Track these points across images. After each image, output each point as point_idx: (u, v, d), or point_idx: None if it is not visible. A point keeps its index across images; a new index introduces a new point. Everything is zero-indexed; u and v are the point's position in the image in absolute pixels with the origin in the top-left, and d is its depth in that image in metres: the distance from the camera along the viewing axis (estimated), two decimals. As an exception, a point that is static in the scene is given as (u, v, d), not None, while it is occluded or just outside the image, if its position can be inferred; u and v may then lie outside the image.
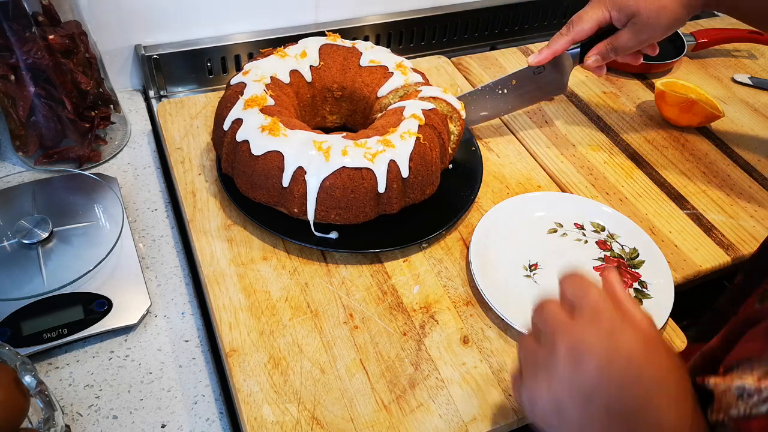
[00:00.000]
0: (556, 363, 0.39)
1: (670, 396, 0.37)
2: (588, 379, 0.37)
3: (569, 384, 0.38)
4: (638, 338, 0.38)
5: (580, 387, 0.38)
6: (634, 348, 0.37)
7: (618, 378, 0.37)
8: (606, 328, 0.38)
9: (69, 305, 0.58)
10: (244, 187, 0.65)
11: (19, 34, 0.65)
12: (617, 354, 0.37)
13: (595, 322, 0.38)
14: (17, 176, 0.69)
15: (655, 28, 0.69)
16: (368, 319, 0.60)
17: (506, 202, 0.70)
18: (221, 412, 0.55)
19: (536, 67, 0.77)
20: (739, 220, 0.74)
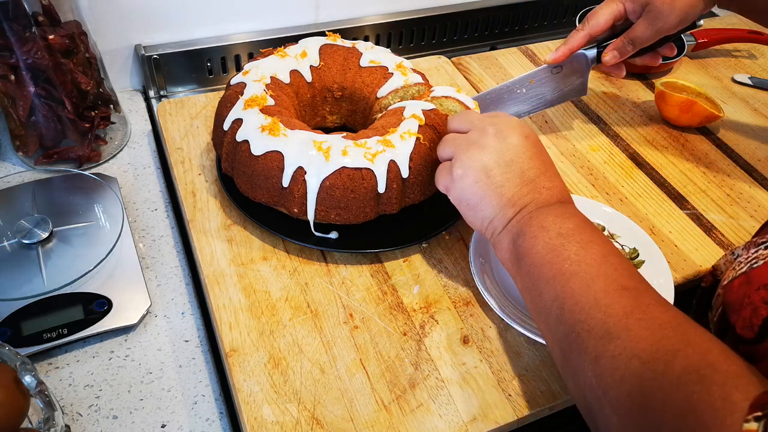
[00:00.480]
0: (486, 139, 0.55)
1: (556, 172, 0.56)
2: (511, 150, 0.55)
3: (498, 153, 0.54)
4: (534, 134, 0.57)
5: (504, 155, 0.54)
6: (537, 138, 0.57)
7: (529, 152, 0.55)
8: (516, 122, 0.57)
9: (69, 305, 0.59)
10: (244, 187, 0.65)
11: (19, 34, 0.65)
12: (528, 138, 0.56)
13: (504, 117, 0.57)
14: (17, 176, 0.69)
15: (669, 14, 0.69)
16: (368, 319, 0.60)
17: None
18: (221, 412, 0.55)
19: (554, 67, 0.77)
20: (739, 220, 0.74)
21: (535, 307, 0.51)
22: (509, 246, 0.53)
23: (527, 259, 0.51)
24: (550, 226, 0.51)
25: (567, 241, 0.49)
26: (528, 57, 0.98)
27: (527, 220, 0.52)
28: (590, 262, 0.47)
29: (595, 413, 0.43)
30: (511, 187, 0.54)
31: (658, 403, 0.38)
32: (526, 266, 0.51)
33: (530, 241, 0.51)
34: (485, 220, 0.55)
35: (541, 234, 0.50)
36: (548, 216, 0.51)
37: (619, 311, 0.43)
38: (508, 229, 0.54)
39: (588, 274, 0.47)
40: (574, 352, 0.45)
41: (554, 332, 0.48)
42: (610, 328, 0.43)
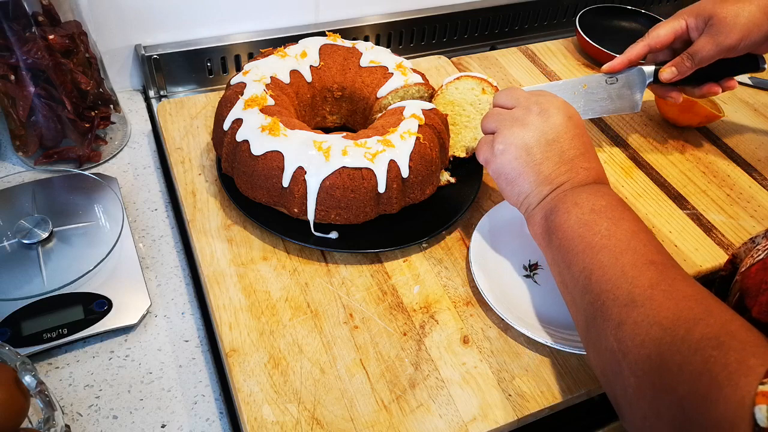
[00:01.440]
0: (530, 117, 0.57)
1: (595, 154, 0.58)
2: (553, 129, 0.56)
3: (539, 131, 0.56)
4: (578, 115, 0.58)
5: (546, 134, 0.56)
6: (579, 119, 0.58)
7: (571, 132, 0.56)
8: (561, 101, 0.58)
9: (69, 305, 0.58)
10: (244, 187, 0.65)
11: (19, 34, 0.65)
12: (571, 119, 0.57)
13: (549, 97, 0.59)
14: (17, 176, 0.69)
15: (732, 30, 0.67)
16: (368, 319, 0.60)
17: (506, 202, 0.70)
18: (221, 412, 0.55)
19: (609, 76, 0.75)
20: (739, 220, 0.74)
21: (562, 278, 0.53)
22: (542, 221, 0.55)
23: (559, 233, 0.53)
24: (584, 203, 0.52)
25: (599, 216, 0.51)
26: (528, 57, 0.98)
27: (562, 197, 0.54)
28: (620, 237, 0.49)
29: (614, 377, 0.45)
30: (549, 165, 0.55)
31: (675, 365, 0.39)
32: (557, 240, 0.53)
33: (563, 216, 0.53)
34: (521, 195, 0.57)
35: (574, 209, 0.52)
36: (582, 194, 0.53)
37: (645, 282, 0.45)
38: (542, 205, 0.55)
39: (617, 247, 0.48)
40: (599, 319, 0.47)
41: (580, 301, 0.50)
42: (635, 297, 0.45)
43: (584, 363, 0.58)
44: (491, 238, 0.66)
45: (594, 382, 0.57)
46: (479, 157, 0.61)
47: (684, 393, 0.38)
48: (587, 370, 0.57)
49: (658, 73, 0.74)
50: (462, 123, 0.73)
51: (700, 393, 0.37)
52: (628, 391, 0.43)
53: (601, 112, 0.78)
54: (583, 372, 0.57)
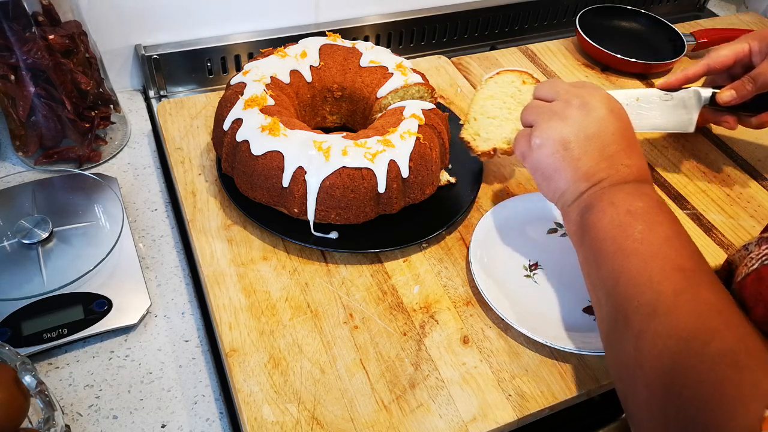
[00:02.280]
0: (570, 110, 0.55)
1: (639, 150, 0.55)
2: (594, 123, 0.54)
3: (579, 126, 0.54)
4: (622, 109, 0.56)
5: (586, 129, 0.54)
6: (623, 113, 0.56)
7: (613, 127, 0.54)
8: (604, 94, 0.56)
9: (69, 305, 0.59)
10: (244, 187, 0.65)
11: (19, 34, 0.65)
12: (613, 112, 0.55)
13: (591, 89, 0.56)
14: (17, 176, 0.69)
15: None
16: (368, 319, 0.60)
17: (506, 202, 0.70)
18: (221, 412, 0.55)
19: (664, 92, 0.73)
20: (739, 220, 0.74)
21: (591, 279, 0.52)
22: (576, 218, 0.54)
23: (592, 232, 0.51)
24: (620, 203, 0.51)
25: (634, 219, 0.50)
26: (528, 57, 0.98)
27: (599, 195, 0.52)
28: (653, 241, 0.48)
29: (627, 388, 0.45)
30: (588, 161, 0.53)
31: (689, 381, 0.39)
32: (590, 239, 0.52)
33: (598, 215, 0.51)
34: (557, 192, 0.56)
35: (609, 209, 0.51)
36: (620, 193, 0.52)
37: (669, 290, 0.45)
38: (578, 202, 0.54)
39: (648, 253, 0.47)
40: (621, 326, 0.46)
41: (605, 305, 0.49)
42: (657, 306, 0.44)
43: (584, 363, 0.58)
44: (491, 238, 0.66)
45: (594, 382, 0.57)
46: (516, 151, 0.59)
47: (695, 411, 0.38)
48: (587, 370, 0.57)
49: (715, 96, 0.71)
50: (502, 116, 0.70)
51: (711, 413, 0.37)
52: (640, 402, 0.43)
53: (652, 127, 0.75)
54: (583, 372, 0.57)
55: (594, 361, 0.58)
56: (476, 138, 0.69)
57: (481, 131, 0.69)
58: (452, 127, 0.76)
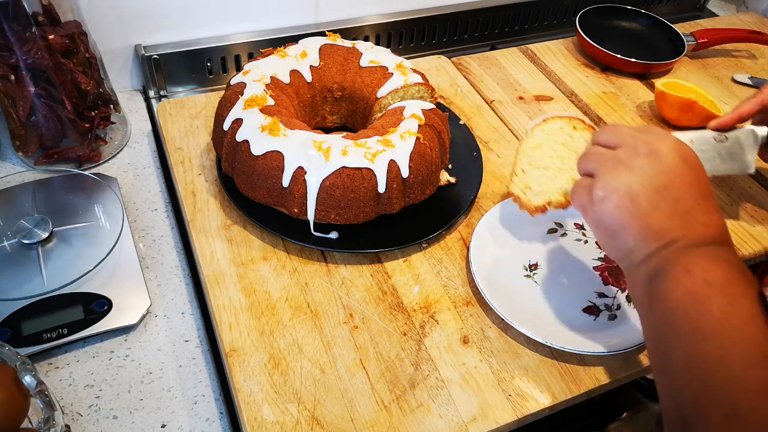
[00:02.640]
0: (637, 159, 0.48)
1: (716, 205, 0.49)
2: (665, 174, 0.48)
3: (648, 176, 0.48)
4: (695, 157, 0.50)
5: (656, 180, 0.47)
6: (697, 162, 0.49)
7: (687, 178, 0.48)
8: (675, 141, 0.50)
9: (69, 305, 0.58)
10: (244, 187, 0.65)
11: (19, 34, 0.65)
12: (687, 161, 0.48)
13: (660, 134, 0.50)
14: (17, 176, 0.69)
15: None
16: (368, 319, 0.60)
17: (506, 202, 0.70)
18: (221, 412, 0.55)
19: (717, 133, 0.68)
20: (739, 220, 0.74)
21: (658, 359, 0.46)
22: (644, 283, 0.47)
23: (662, 303, 0.45)
24: (697, 271, 0.44)
25: (713, 292, 0.43)
26: (528, 57, 0.98)
27: (672, 259, 0.46)
28: (734, 322, 0.42)
29: None
30: (658, 217, 0.47)
31: None
32: (660, 311, 0.45)
33: (670, 284, 0.45)
34: (622, 250, 0.49)
35: (684, 278, 0.44)
36: (696, 258, 0.45)
37: (754, 386, 0.39)
38: (647, 265, 0.47)
39: (729, 336, 0.41)
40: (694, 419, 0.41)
41: (676, 393, 0.43)
42: (738, 407, 0.39)
43: (584, 363, 0.58)
44: (491, 238, 0.66)
45: (594, 382, 0.57)
46: (574, 203, 0.53)
47: None
48: (587, 370, 0.57)
49: None
50: (555, 166, 0.63)
51: None
52: None
53: (710, 170, 0.68)
54: (583, 372, 0.57)
55: (594, 361, 0.58)
56: (527, 192, 0.62)
57: (533, 184, 0.62)
58: (452, 127, 0.76)
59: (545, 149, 0.64)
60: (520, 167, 0.64)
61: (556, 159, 0.63)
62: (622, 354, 0.57)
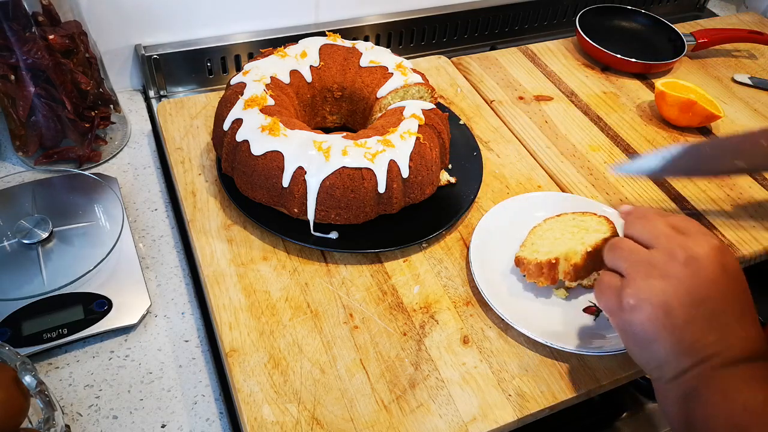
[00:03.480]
0: (674, 267, 0.44)
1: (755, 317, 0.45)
2: (703, 286, 0.44)
3: (685, 288, 0.44)
4: (736, 263, 0.46)
5: (694, 293, 0.44)
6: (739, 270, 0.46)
7: (727, 289, 0.44)
8: (715, 246, 0.46)
9: (69, 305, 0.58)
10: (244, 187, 0.65)
11: (19, 34, 0.65)
12: (726, 269, 0.45)
13: (700, 238, 0.46)
14: (17, 176, 0.69)
15: None
16: (368, 319, 0.60)
17: (506, 201, 0.70)
18: (221, 412, 0.55)
19: None
20: (739, 220, 0.74)
21: None
22: (678, 402, 0.45)
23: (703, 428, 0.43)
24: (735, 396, 0.42)
25: (754, 420, 0.41)
26: (528, 57, 0.98)
27: (706, 379, 0.43)
28: None
29: None
30: (694, 331, 0.44)
31: None
32: None
33: (707, 410, 0.42)
34: (652, 362, 0.46)
35: (722, 403, 0.42)
36: (733, 379, 0.43)
37: None
38: (679, 382, 0.45)
39: None
40: None
41: None
42: None
43: (584, 363, 0.58)
44: (491, 238, 0.66)
45: (594, 382, 0.57)
46: (600, 302, 0.49)
47: None
48: (587, 370, 0.57)
49: None
50: (566, 238, 0.61)
51: None
52: None
53: None
54: (583, 372, 0.57)
55: (594, 361, 0.58)
56: (536, 254, 0.61)
57: (542, 248, 0.61)
58: (452, 127, 0.76)
59: (555, 230, 0.64)
60: (530, 241, 0.64)
61: (566, 233, 0.62)
62: (622, 354, 0.57)
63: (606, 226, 0.60)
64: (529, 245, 0.63)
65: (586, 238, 0.59)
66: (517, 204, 0.70)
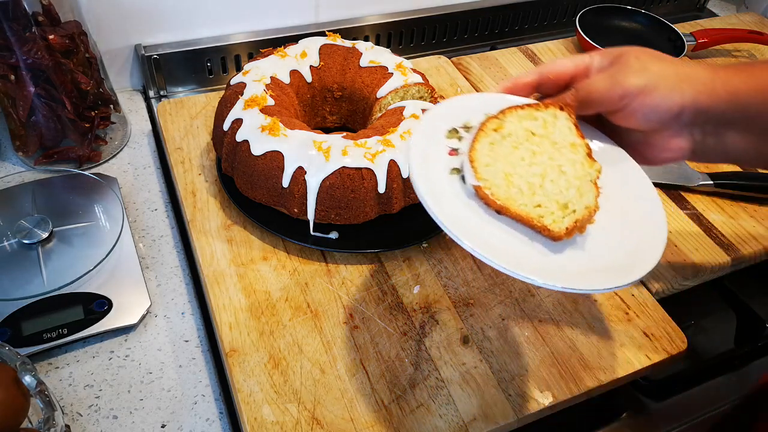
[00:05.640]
0: None
1: None
2: None
3: None
4: None
5: None
6: None
7: None
8: None
9: (69, 305, 0.58)
10: (244, 187, 0.65)
11: (19, 34, 0.65)
12: None
13: None
14: (17, 176, 0.69)
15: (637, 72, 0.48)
16: (368, 319, 0.60)
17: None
18: (221, 412, 0.55)
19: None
20: (739, 220, 0.74)
21: None
22: None
23: None
24: None
25: None
26: (528, 57, 0.98)
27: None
28: None
29: None
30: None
31: None
32: None
33: None
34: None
35: None
36: None
37: None
38: None
39: None
40: None
41: None
42: None
43: (585, 363, 0.58)
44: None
45: (594, 381, 0.57)
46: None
47: None
48: (587, 370, 0.57)
49: None
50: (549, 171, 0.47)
51: None
52: None
53: None
54: (584, 372, 0.57)
55: (594, 361, 0.58)
56: (523, 205, 0.45)
57: (524, 197, 0.46)
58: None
59: (512, 150, 0.48)
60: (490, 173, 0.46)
61: (533, 155, 0.48)
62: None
63: (574, 130, 0.49)
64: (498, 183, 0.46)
65: (581, 166, 0.47)
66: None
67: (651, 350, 0.60)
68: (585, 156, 0.49)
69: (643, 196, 0.51)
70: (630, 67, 0.49)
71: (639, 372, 0.59)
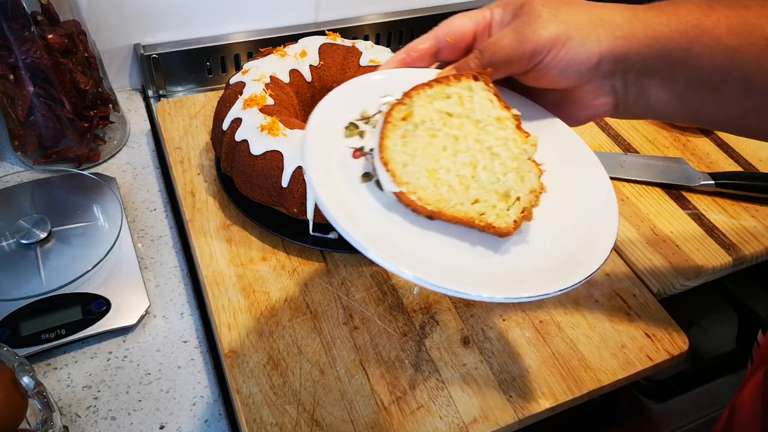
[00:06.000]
0: None
1: None
2: None
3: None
4: None
5: None
6: None
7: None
8: None
9: (67, 306, 0.58)
10: (244, 187, 0.65)
11: (18, 33, 0.64)
12: None
13: None
14: (16, 176, 0.69)
15: (545, 22, 0.41)
16: (368, 319, 0.59)
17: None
18: (220, 414, 0.55)
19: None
20: (740, 220, 0.74)
21: None
22: None
23: None
24: None
25: None
26: (528, 57, 0.98)
27: None
28: None
29: None
30: None
31: None
32: None
33: None
34: None
35: None
36: None
37: None
38: None
39: None
40: None
41: None
42: None
43: (586, 364, 0.58)
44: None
45: (595, 383, 0.56)
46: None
47: None
48: (588, 371, 0.57)
49: None
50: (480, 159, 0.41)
51: None
52: None
53: None
54: (584, 373, 0.57)
55: (595, 362, 0.58)
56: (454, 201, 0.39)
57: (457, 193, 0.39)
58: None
59: (430, 134, 0.41)
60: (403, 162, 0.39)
61: (458, 136, 0.41)
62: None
63: (496, 100, 0.42)
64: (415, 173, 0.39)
65: (513, 143, 0.40)
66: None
67: (652, 351, 0.59)
68: (515, 130, 0.41)
69: (582, 163, 0.45)
70: (537, 17, 0.42)
71: (640, 373, 0.58)
